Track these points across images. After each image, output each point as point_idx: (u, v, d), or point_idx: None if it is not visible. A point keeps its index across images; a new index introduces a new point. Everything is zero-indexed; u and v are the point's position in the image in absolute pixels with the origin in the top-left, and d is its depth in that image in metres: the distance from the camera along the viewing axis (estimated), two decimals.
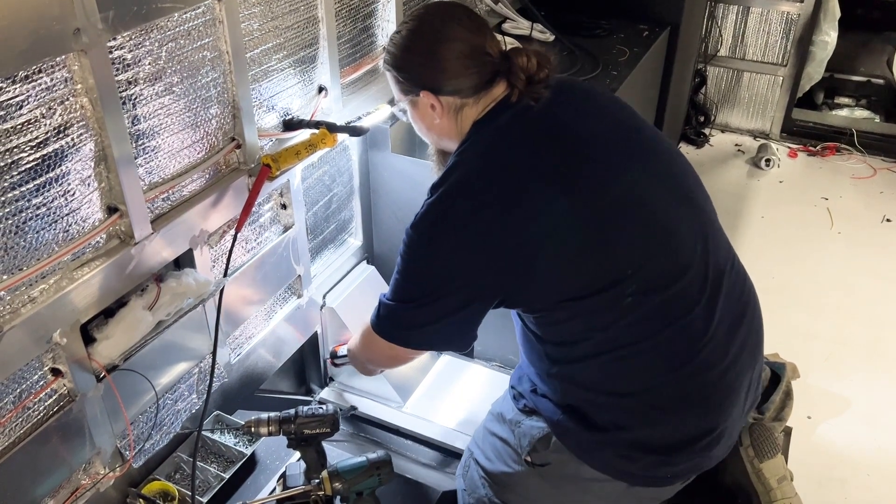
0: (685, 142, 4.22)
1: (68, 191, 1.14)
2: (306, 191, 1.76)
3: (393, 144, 1.92)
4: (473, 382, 2.03)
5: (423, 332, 1.34)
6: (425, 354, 1.96)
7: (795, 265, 3.27)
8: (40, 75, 1.05)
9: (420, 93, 1.35)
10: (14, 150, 1.04)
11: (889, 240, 3.44)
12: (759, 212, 3.65)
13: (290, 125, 1.62)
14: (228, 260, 1.44)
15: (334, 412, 1.46)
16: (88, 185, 1.18)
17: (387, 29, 1.92)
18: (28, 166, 1.07)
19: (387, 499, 1.48)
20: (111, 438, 1.33)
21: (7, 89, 1.01)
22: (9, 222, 1.06)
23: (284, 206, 1.67)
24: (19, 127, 1.04)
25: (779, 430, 1.60)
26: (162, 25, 1.23)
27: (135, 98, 1.21)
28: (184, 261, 1.42)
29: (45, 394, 1.19)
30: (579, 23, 2.99)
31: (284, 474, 1.55)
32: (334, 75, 1.72)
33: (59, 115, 1.09)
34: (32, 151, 1.07)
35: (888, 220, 3.57)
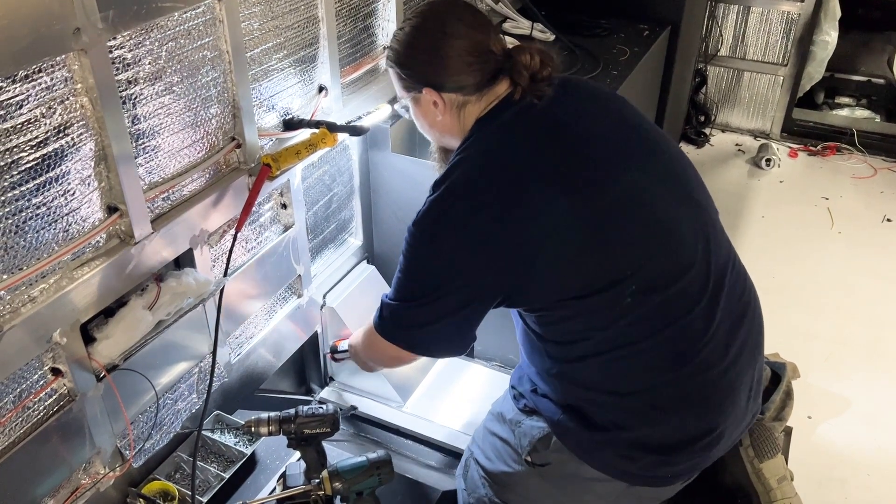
0: (685, 141, 4.22)
1: (68, 190, 1.14)
2: (306, 190, 1.75)
3: (393, 144, 1.92)
4: (473, 382, 2.03)
5: (424, 332, 1.34)
6: None
7: (796, 265, 3.27)
8: (40, 75, 1.04)
9: (423, 90, 1.35)
10: (14, 150, 1.04)
11: (889, 240, 3.44)
12: (760, 211, 3.64)
13: (291, 125, 1.62)
14: (228, 259, 1.44)
15: (334, 412, 1.46)
16: (88, 185, 1.18)
17: (387, 28, 1.92)
18: (28, 166, 1.07)
19: (387, 499, 1.47)
20: (111, 438, 1.33)
21: (7, 89, 1.00)
22: (9, 222, 1.06)
23: (284, 206, 1.67)
24: (19, 126, 1.04)
25: (779, 430, 1.60)
26: (162, 25, 1.23)
27: (135, 97, 1.21)
28: (184, 260, 1.42)
29: (45, 393, 1.19)
30: (579, 22, 2.99)
31: (284, 474, 1.55)
32: (334, 75, 1.72)
33: (59, 115, 1.09)
34: (32, 151, 1.07)
35: (888, 220, 3.57)
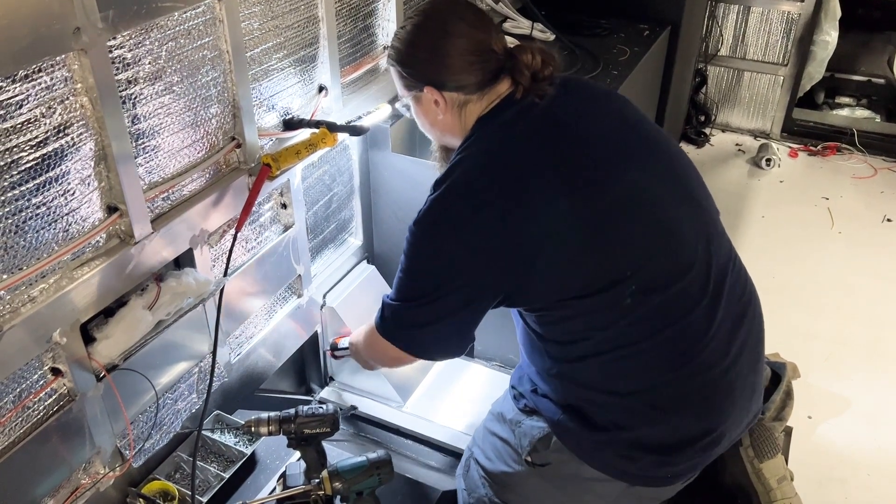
0: (685, 141, 4.22)
1: (68, 190, 1.14)
2: (306, 190, 1.75)
3: (393, 144, 1.92)
4: (473, 382, 2.03)
5: (424, 333, 1.34)
6: None
7: (796, 265, 3.27)
8: (40, 74, 1.04)
9: (424, 88, 1.35)
10: (14, 150, 1.04)
11: (889, 240, 3.44)
12: (760, 211, 3.64)
13: (291, 124, 1.62)
14: (228, 259, 1.44)
15: (334, 412, 1.46)
16: (88, 185, 1.18)
17: (387, 28, 1.91)
18: (28, 165, 1.07)
19: (387, 499, 1.47)
20: (111, 438, 1.33)
21: (7, 88, 1.00)
22: (8, 221, 1.06)
23: (284, 206, 1.67)
24: (19, 126, 1.04)
25: (779, 430, 1.60)
26: (162, 24, 1.22)
27: (135, 97, 1.21)
28: (184, 260, 1.42)
29: (45, 393, 1.19)
30: (580, 22, 2.99)
31: (284, 474, 1.55)
32: (334, 74, 1.72)
33: (59, 115, 1.09)
34: (32, 151, 1.07)
35: (889, 220, 3.57)
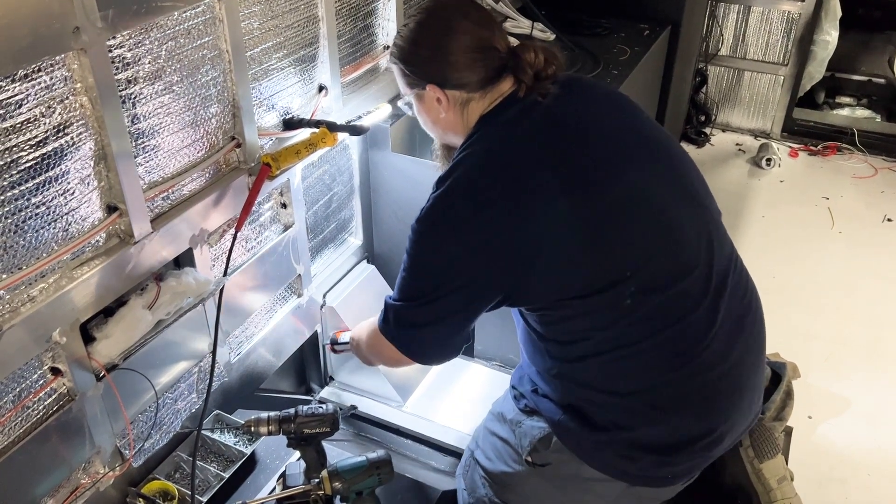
0: (686, 141, 4.22)
1: (68, 190, 1.14)
2: (306, 190, 1.75)
3: (393, 143, 1.92)
4: (473, 382, 2.02)
5: (424, 333, 1.34)
6: None
7: (796, 265, 3.27)
8: (40, 74, 1.04)
9: (426, 86, 1.34)
10: (13, 149, 1.04)
11: (890, 239, 3.44)
12: (760, 211, 3.64)
13: (290, 124, 1.62)
14: (228, 259, 1.44)
15: (334, 411, 1.46)
16: (88, 184, 1.17)
17: (387, 28, 1.91)
18: (27, 165, 1.07)
19: (387, 499, 1.47)
20: (111, 438, 1.33)
21: (6, 88, 1.00)
22: (8, 221, 1.06)
23: (284, 206, 1.67)
24: (19, 126, 1.04)
25: (779, 430, 1.59)
26: (162, 24, 1.22)
27: (134, 97, 1.21)
28: (184, 260, 1.42)
29: (45, 393, 1.19)
30: (580, 22, 2.99)
31: (284, 474, 1.55)
32: (334, 74, 1.72)
33: (59, 114, 1.09)
34: (32, 150, 1.07)
35: (889, 220, 3.57)
